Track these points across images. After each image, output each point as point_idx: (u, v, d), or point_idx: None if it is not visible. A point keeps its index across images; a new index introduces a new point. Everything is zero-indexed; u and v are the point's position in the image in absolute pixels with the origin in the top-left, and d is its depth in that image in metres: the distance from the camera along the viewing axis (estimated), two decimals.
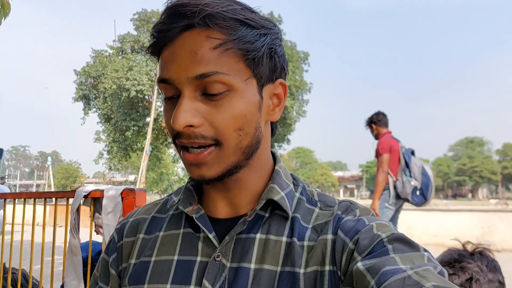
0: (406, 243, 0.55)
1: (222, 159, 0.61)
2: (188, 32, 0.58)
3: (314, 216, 0.66)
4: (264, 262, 0.62)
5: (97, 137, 24.40)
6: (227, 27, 0.58)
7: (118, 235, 0.77)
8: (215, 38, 0.57)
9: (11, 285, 2.96)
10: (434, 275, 0.48)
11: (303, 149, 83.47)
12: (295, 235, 0.63)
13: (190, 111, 0.58)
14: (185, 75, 0.58)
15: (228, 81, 0.58)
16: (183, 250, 0.67)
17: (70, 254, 2.44)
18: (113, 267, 0.75)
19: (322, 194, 0.71)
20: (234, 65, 0.59)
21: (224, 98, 0.59)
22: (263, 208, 0.66)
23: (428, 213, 11.07)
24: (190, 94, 0.59)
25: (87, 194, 2.44)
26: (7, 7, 3.34)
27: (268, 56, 0.62)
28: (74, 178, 61.49)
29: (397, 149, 4.43)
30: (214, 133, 0.59)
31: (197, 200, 0.70)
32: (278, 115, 0.67)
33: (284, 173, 0.71)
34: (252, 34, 0.60)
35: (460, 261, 1.10)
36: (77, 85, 23.20)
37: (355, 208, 0.66)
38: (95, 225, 2.47)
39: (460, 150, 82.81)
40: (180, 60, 0.58)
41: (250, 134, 0.61)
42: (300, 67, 24.23)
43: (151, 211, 0.77)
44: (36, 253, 2.70)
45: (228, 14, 0.58)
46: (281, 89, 0.67)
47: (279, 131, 23.17)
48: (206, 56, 0.57)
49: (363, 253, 0.56)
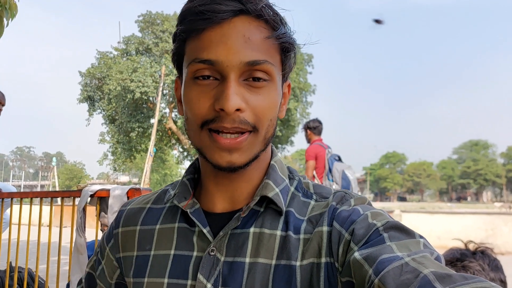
0: (402, 230, 0.56)
1: (253, 146, 0.62)
2: (239, 17, 0.59)
3: (310, 208, 0.66)
4: (258, 255, 0.62)
5: (102, 138, 24.45)
6: (275, 21, 0.61)
7: (115, 223, 0.79)
8: (265, 29, 0.60)
9: (18, 284, 2.98)
10: (431, 261, 0.48)
11: None
12: (290, 228, 0.63)
13: (239, 94, 0.58)
14: (237, 59, 0.58)
15: (273, 71, 0.61)
16: (179, 245, 0.68)
17: (76, 253, 2.46)
18: (110, 253, 0.77)
19: (318, 186, 0.71)
20: (277, 57, 0.62)
21: (265, 87, 0.61)
22: (258, 203, 0.67)
23: (432, 215, 11.05)
24: (236, 78, 0.59)
25: (93, 193, 2.46)
26: (14, 9, 3.37)
27: (294, 56, 0.66)
28: (78, 179, 61.66)
29: (323, 156, 4.88)
30: (255, 119, 0.60)
31: (193, 194, 0.71)
32: (283, 112, 0.70)
33: (279, 167, 0.71)
34: (289, 33, 0.63)
35: (462, 260, 1.11)
36: (81, 86, 23.28)
37: (349, 198, 0.65)
38: (101, 224, 2.49)
39: (464, 153, 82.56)
40: (231, 43, 0.58)
41: (273, 125, 0.64)
42: (304, 69, 24.20)
43: (148, 201, 0.78)
44: (42, 252, 2.72)
45: (275, 10, 0.62)
46: (287, 89, 0.71)
47: (282, 133, 23.15)
48: (258, 44, 0.59)
49: (359, 243, 0.55)
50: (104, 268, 0.78)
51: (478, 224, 9.85)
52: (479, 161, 75.24)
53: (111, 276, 0.77)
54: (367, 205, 0.64)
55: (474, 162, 75.58)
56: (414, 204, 59.97)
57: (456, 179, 78.69)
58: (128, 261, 0.73)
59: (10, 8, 3.28)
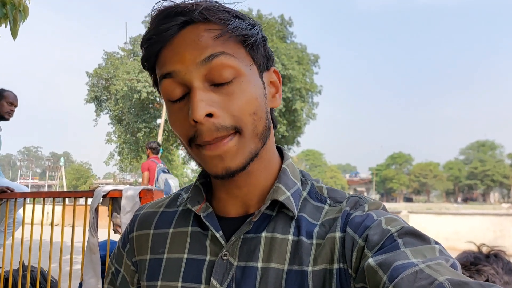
0: (417, 236, 0.55)
1: (243, 146, 0.60)
2: (187, 28, 0.60)
3: (324, 212, 0.65)
4: (270, 260, 0.62)
5: (109, 139, 24.51)
6: (223, 18, 0.60)
7: (130, 227, 0.79)
8: (214, 29, 0.59)
9: (30, 283, 3.02)
10: (446, 268, 0.48)
11: (312, 151, 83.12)
12: (302, 233, 0.63)
13: (206, 101, 0.57)
14: (192, 63, 0.58)
15: (235, 64, 0.59)
16: (192, 249, 0.68)
17: (89, 252, 2.49)
18: (127, 258, 0.77)
19: (332, 190, 0.70)
20: (237, 50, 0.60)
21: (234, 84, 0.59)
22: (269, 207, 0.66)
23: (439, 216, 11.00)
24: (201, 85, 0.58)
25: (105, 194, 2.50)
26: (26, 11, 3.42)
27: (262, 44, 0.65)
28: (85, 179, 61.90)
29: (154, 168, 6.35)
30: (233, 120, 0.59)
31: (206, 198, 0.71)
32: (278, 101, 0.68)
33: (291, 170, 0.70)
34: (245, 24, 0.62)
35: (476, 264, 1.10)
36: (89, 86, 23.39)
37: (363, 202, 0.65)
38: (113, 224, 2.52)
39: (471, 154, 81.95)
40: (183, 52, 0.59)
41: (263, 118, 0.62)
42: (311, 70, 24.12)
43: (161, 205, 0.79)
44: (55, 252, 2.76)
45: (221, 8, 0.61)
46: (276, 77, 0.69)
47: (289, 133, 23.10)
48: (209, 42, 0.58)
49: (373, 249, 0.55)
50: (125, 275, 0.78)
51: (486, 225, 9.79)
52: (486, 162, 74.63)
53: (132, 281, 0.77)
54: (381, 210, 0.63)
55: (481, 163, 74.98)
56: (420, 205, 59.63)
57: (463, 180, 78.09)
58: (142, 264, 0.73)
59: (23, 10, 3.33)
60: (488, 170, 73.32)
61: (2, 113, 3.46)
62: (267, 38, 0.68)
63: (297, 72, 21.63)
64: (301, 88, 22.15)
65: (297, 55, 22.69)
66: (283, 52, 21.43)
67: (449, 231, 10.01)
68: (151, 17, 0.62)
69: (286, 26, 24.66)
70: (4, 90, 3.50)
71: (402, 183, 78.86)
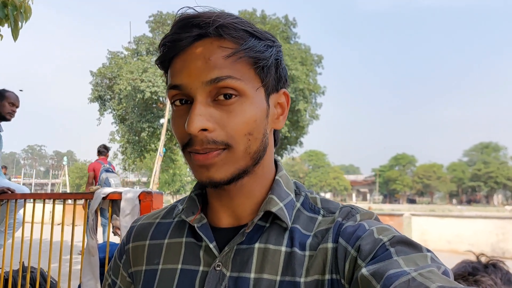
0: (409, 244, 0.55)
1: (230, 161, 0.61)
2: (201, 41, 0.61)
3: (317, 223, 0.66)
4: (263, 271, 0.62)
5: (112, 138, 24.62)
6: (238, 37, 0.61)
7: (126, 239, 0.80)
8: (227, 47, 0.60)
9: (30, 284, 3.02)
10: (438, 275, 0.48)
11: (316, 152, 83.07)
12: (295, 244, 0.63)
13: (204, 115, 0.59)
14: (198, 80, 0.59)
15: (240, 86, 0.60)
16: (186, 259, 0.69)
17: (88, 254, 2.49)
18: (123, 269, 0.78)
19: (325, 200, 0.71)
20: (246, 72, 0.61)
21: (236, 103, 0.60)
22: (263, 219, 0.67)
23: (442, 219, 10.95)
24: (203, 99, 0.60)
25: (105, 196, 2.49)
26: (28, 11, 3.42)
27: (275, 66, 0.65)
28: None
29: (98, 169, 7.19)
30: (226, 137, 0.60)
31: (201, 208, 0.71)
32: (282, 123, 0.69)
33: (285, 182, 0.71)
34: (261, 45, 0.62)
35: (474, 274, 1.10)
36: (93, 86, 23.49)
37: (355, 213, 0.66)
38: (112, 226, 2.51)
39: (475, 155, 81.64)
40: (193, 67, 0.60)
41: (258, 139, 0.63)
42: (314, 70, 24.16)
43: (157, 216, 0.80)
44: (54, 252, 2.76)
45: (238, 26, 0.61)
46: (284, 99, 0.70)
47: (291, 134, 23.12)
48: (219, 62, 0.59)
49: (366, 259, 0.55)
50: (121, 286, 0.79)
51: (489, 228, 9.74)
52: (490, 164, 74.34)
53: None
54: (374, 220, 0.64)
55: (485, 165, 74.70)
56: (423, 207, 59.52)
57: (466, 182, 77.81)
58: (138, 275, 0.74)
59: (25, 11, 3.33)
60: (492, 172, 73.04)
61: (4, 113, 3.46)
62: (282, 60, 0.68)
63: (300, 72, 21.65)
64: (304, 88, 22.18)
65: (301, 56, 22.72)
66: (287, 53, 21.46)
67: (452, 234, 9.97)
68: (172, 21, 0.63)
69: (290, 26, 24.70)
70: (5, 90, 3.51)
71: (405, 185, 78.69)
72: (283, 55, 0.70)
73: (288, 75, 0.72)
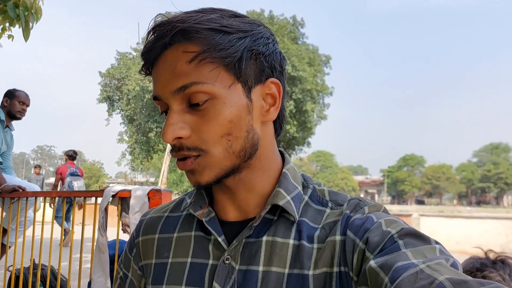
0: (417, 236, 0.55)
1: (210, 165, 0.62)
2: (168, 49, 0.61)
3: (325, 216, 0.66)
4: (271, 264, 0.63)
5: (120, 138, 24.79)
6: (201, 38, 0.59)
7: (136, 232, 0.81)
8: (190, 51, 0.59)
9: (40, 281, 3.06)
10: (446, 267, 0.48)
11: (323, 152, 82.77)
12: (303, 237, 0.64)
13: (177, 124, 0.60)
14: (168, 90, 0.60)
15: (208, 89, 0.59)
16: (196, 253, 0.69)
17: (98, 252, 2.51)
18: (134, 262, 0.79)
19: (334, 193, 0.70)
20: (212, 73, 0.60)
21: (208, 107, 0.60)
22: (270, 212, 0.67)
23: (451, 220, 10.89)
24: (177, 107, 0.61)
25: (115, 193, 2.52)
26: (39, 12, 3.47)
27: (250, 58, 0.62)
28: (97, 178, 62.44)
29: (65, 172, 8.10)
30: (199, 143, 0.61)
31: (208, 202, 0.72)
32: (273, 114, 0.66)
33: (292, 175, 0.70)
34: (227, 40, 0.60)
35: (482, 270, 1.09)
36: (101, 86, 23.67)
37: (363, 205, 0.65)
38: (122, 224, 2.54)
39: (484, 156, 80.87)
40: (162, 77, 0.61)
41: (241, 137, 0.62)
42: (322, 71, 24.10)
43: (166, 210, 0.80)
44: (65, 250, 2.79)
45: (201, 26, 0.59)
46: (275, 88, 0.66)
47: (299, 134, 23.07)
48: (183, 69, 0.59)
49: (374, 251, 0.55)
50: (133, 279, 0.80)
51: (499, 229, 9.66)
52: (500, 165, 73.55)
53: (139, 285, 0.79)
54: (382, 213, 0.64)
55: (494, 166, 73.93)
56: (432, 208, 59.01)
57: (476, 183, 77.05)
58: (148, 268, 0.75)
59: (35, 12, 3.38)
60: (502, 173, 72.29)
61: (14, 112, 3.51)
62: (266, 48, 0.65)
63: (308, 73, 21.59)
64: (312, 89, 22.12)
65: (309, 56, 22.66)
66: (294, 53, 21.41)
67: (461, 235, 9.90)
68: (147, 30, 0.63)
69: (298, 27, 24.66)
70: (16, 90, 3.56)
71: (414, 185, 78.19)
72: (291, 55, 0.68)
73: (284, 66, 0.69)
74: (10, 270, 3.12)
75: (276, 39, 0.70)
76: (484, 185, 75.77)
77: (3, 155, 3.52)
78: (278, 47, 0.68)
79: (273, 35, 0.69)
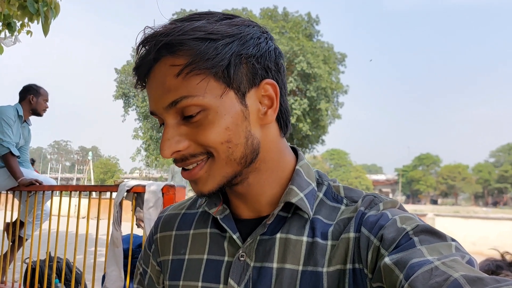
0: (433, 233, 0.55)
1: (215, 172, 0.62)
2: (157, 64, 0.60)
3: (340, 212, 0.66)
4: (285, 261, 0.63)
5: (135, 134, 25.02)
6: (186, 49, 0.58)
7: (154, 229, 0.83)
8: (177, 65, 0.58)
9: (56, 274, 3.11)
10: (462, 264, 0.48)
11: (337, 151, 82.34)
12: (317, 234, 0.63)
13: (173, 138, 0.60)
14: (160, 106, 0.60)
15: (198, 102, 0.58)
16: (212, 250, 0.70)
17: (112, 246, 2.54)
18: (153, 258, 0.80)
19: (349, 189, 0.69)
20: (201, 85, 0.58)
21: (201, 118, 0.59)
22: (284, 209, 0.67)
23: (467, 220, 10.75)
24: (172, 121, 0.61)
25: (129, 188, 2.54)
26: (57, 8, 3.52)
27: (239, 63, 0.60)
28: (112, 173, 63.27)
29: None
30: (202, 148, 0.60)
31: (223, 200, 0.72)
32: (272, 117, 0.64)
33: (306, 171, 0.70)
34: (213, 48, 0.58)
35: (498, 273, 1.08)
36: (117, 83, 23.92)
37: (378, 201, 0.65)
38: (136, 218, 2.56)
39: (502, 156, 79.56)
40: (154, 93, 0.61)
41: (241, 144, 0.61)
42: (337, 69, 23.94)
43: (183, 207, 0.82)
44: (80, 244, 2.83)
45: (185, 37, 0.58)
46: (271, 89, 0.63)
47: (312, 133, 22.94)
48: (172, 84, 0.58)
49: (389, 248, 0.55)
50: (151, 275, 0.81)
51: None
52: None
53: (158, 281, 0.80)
54: (397, 209, 0.63)
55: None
56: (447, 208, 58.29)
57: (492, 183, 75.85)
58: (165, 264, 0.76)
59: (54, 7, 3.42)
60: None
61: (40, 110, 3.59)
62: (260, 45, 0.62)
63: (322, 71, 21.47)
64: (326, 87, 21.99)
65: (323, 54, 22.52)
66: (309, 51, 21.30)
67: (477, 236, 9.76)
68: None
69: (313, 24, 24.51)
70: (39, 87, 3.61)
71: (429, 185, 77.29)
72: (306, 52, 0.65)
73: (280, 63, 0.66)
74: (26, 263, 3.18)
75: (273, 36, 0.68)
76: (501, 185, 74.54)
77: (20, 149, 3.58)
78: (272, 44, 0.66)
79: (266, 32, 0.66)
